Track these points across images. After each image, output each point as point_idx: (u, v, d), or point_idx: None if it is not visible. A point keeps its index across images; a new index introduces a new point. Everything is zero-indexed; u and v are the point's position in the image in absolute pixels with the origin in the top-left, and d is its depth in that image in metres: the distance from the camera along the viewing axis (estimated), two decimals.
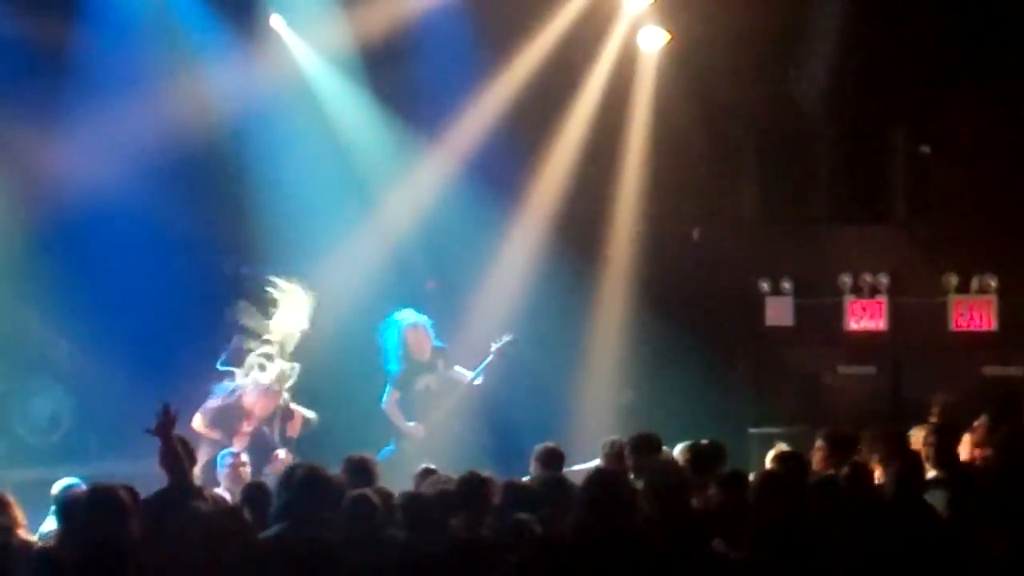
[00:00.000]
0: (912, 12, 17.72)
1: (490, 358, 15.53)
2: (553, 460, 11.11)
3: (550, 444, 11.42)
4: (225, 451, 13.02)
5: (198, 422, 14.07)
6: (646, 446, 11.22)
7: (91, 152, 16.19)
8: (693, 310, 18.65)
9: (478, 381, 15.58)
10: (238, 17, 17.10)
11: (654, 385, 18.05)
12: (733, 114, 18.94)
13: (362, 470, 10.13)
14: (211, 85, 16.88)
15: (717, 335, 18.85)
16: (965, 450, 12.58)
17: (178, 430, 9.81)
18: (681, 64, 18.20)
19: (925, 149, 18.57)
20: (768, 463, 11.27)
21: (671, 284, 18.70)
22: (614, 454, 11.47)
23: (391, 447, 15.25)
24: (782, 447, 12.03)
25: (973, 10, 17.70)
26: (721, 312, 18.95)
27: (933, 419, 14.20)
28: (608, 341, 18.45)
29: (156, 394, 14.75)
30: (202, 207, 17.06)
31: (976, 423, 13.31)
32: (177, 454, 9.57)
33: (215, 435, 14.09)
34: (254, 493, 10.04)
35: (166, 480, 9.59)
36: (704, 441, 11.44)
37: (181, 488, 9.57)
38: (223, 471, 12.55)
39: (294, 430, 14.74)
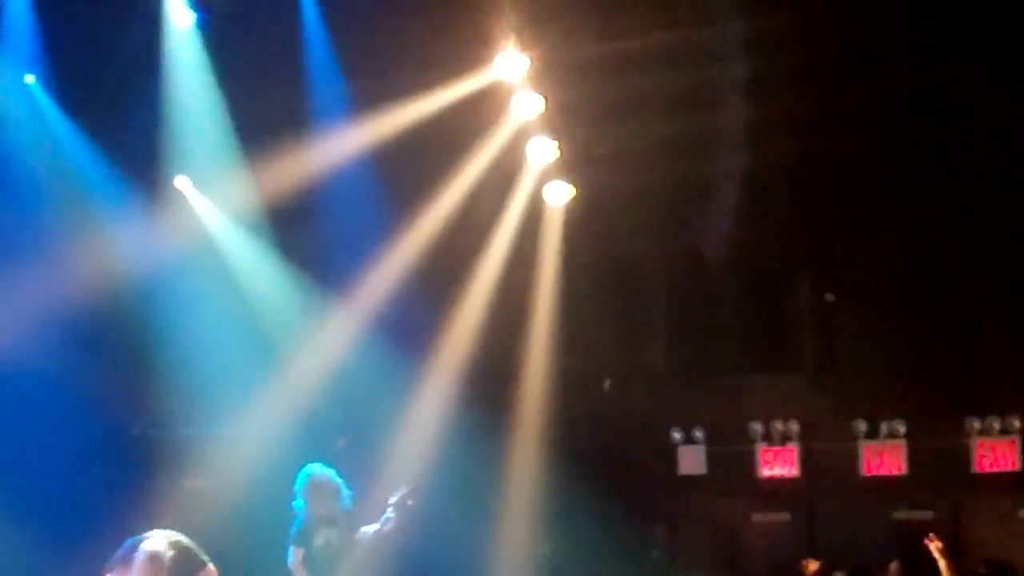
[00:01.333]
0: (816, 162, 18.02)
1: (389, 512, 15.34)
2: None
3: None
4: None
5: None
6: None
7: None
8: (607, 460, 18.72)
9: (387, 527, 15.30)
10: (143, 178, 17.01)
11: (570, 536, 17.99)
12: (640, 266, 19.26)
13: None
14: (117, 246, 16.73)
15: (632, 485, 18.90)
16: None
17: None
18: (587, 218, 18.44)
19: (830, 297, 18.90)
20: None
21: (584, 436, 18.81)
22: None
23: None
24: None
25: (878, 159, 18.04)
26: (635, 462, 19.04)
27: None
28: (523, 493, 18.41)
29: (60, 556, 14.82)
30: (108, 369, 16.82)
31: (889, 568, 13.37)
32: None
33: None
34: None
35: None
36: None
37: None
38: None
39: None
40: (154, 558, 13.34)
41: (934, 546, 13.48)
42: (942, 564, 13.51)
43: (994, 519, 18.27)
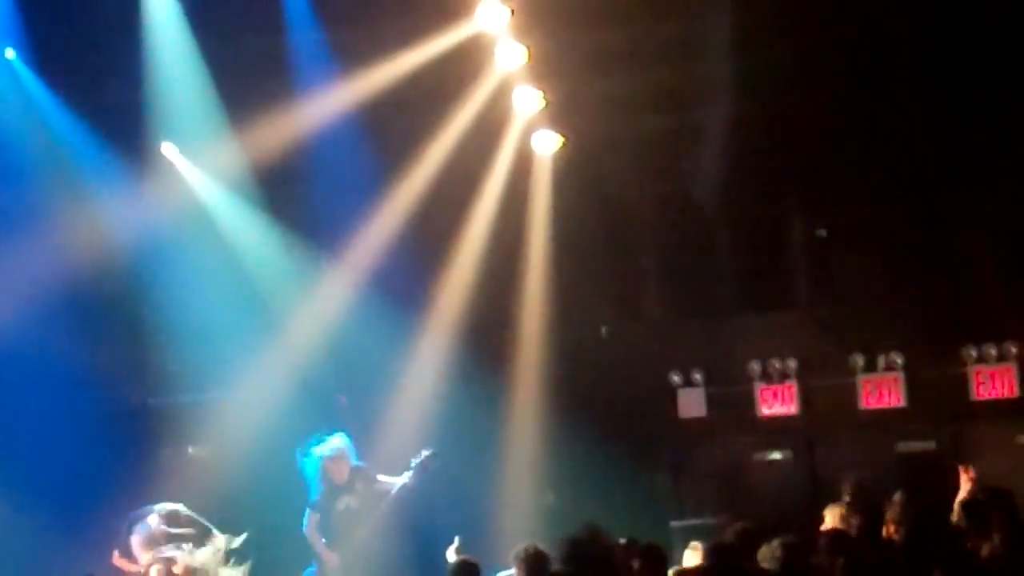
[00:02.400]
0: (803, 101, 18.05)
1: (410, 473, 15.44)
2: (470, 574, 11.05)
3: (466, 559, 11.40)
4: None
5: (116, 557, 13.83)
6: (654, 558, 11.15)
7: None
8: (607, 408, 18.73)
9: (411, 482, 15.40)
10: (129, 146, 17.05)
11: (574, 485, 18.08)
12: (631, 212, 19.23)
13: None
14: (107, 217, 16.84)
15: (633, 431, 18.90)
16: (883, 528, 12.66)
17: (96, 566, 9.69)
18: (577, 166, 18.40)
19: (822, 233, 18.91)
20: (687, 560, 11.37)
21: (583, 384, 18.79)
22: (531, 560, 11.09)
23: (312, 568, 15.20)
24: (696, 545, 12.10)
25: (864, 96, 18.06)
26: (635, 408, 19.02)
27: (847, 499, 14.24)
28: (525, 444, 18.45)
29: (66, 533, 14.92)
30: (105, 340, 16.96)
31: (893, 499, 13.40)
32: None
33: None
34: None
35: None
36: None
37: None
38: None
39: None
40: (152, 532, 13.44)
41: (968, 476, 13.58)
42: (964, 491, 13.61)
43: (994, 446, 18.18)
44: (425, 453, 15.48)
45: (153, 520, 13.93)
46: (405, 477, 15.34)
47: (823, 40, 17.52)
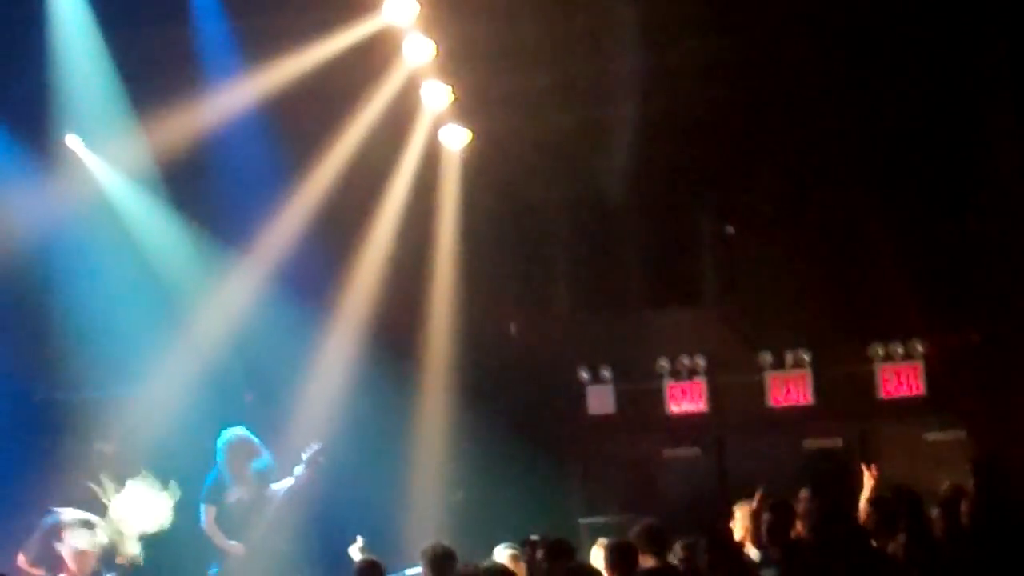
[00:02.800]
0: (711, 99, 18.10)
1: (301, 467, 15.40)
2: (373, 573, 11.11)
3: (369, 558, 11.47)
4: None
5: (22, 560, 13.68)
6: (560, 552, 11.18)
7: None
8: (516, 404, 18.84)
9: (298, 483, 15.34)
10: (33, 138, 16.72)
11: (483, 482, 18.14)
12: (540, 207, 19.36)
13: None
14: (10, 209, 16.40)
15: (542, 427, 19.01)
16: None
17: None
18: (486, 162, 18.50)
19: (730, 230, 19.15)
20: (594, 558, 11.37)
21: (492, 380, 18.88)
22: (438, 558, 11.09)
23: (215, 570, 15.01)
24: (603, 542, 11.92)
25: (772, 94, 18.20)
26: (544, 404, 19.16)
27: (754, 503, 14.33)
28: (433, 441, 18.49)
29: None
30: (8, 335, 16.64)
31: (799, 496, 13.53)
32: None
33: (39, 572, 13.71)
34: None
35: None
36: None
37: None
38: None
39: None
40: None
41: (871, 474, 13.72)
42: (867, 490, 13.77)
43: (901, 444, 18.50)
44: (314, 447, 15.45)
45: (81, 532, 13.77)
46: (296, 472, 15.32)
47: (732, 37, 17.56)
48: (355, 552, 12.87)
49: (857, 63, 17.53)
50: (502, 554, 11.70)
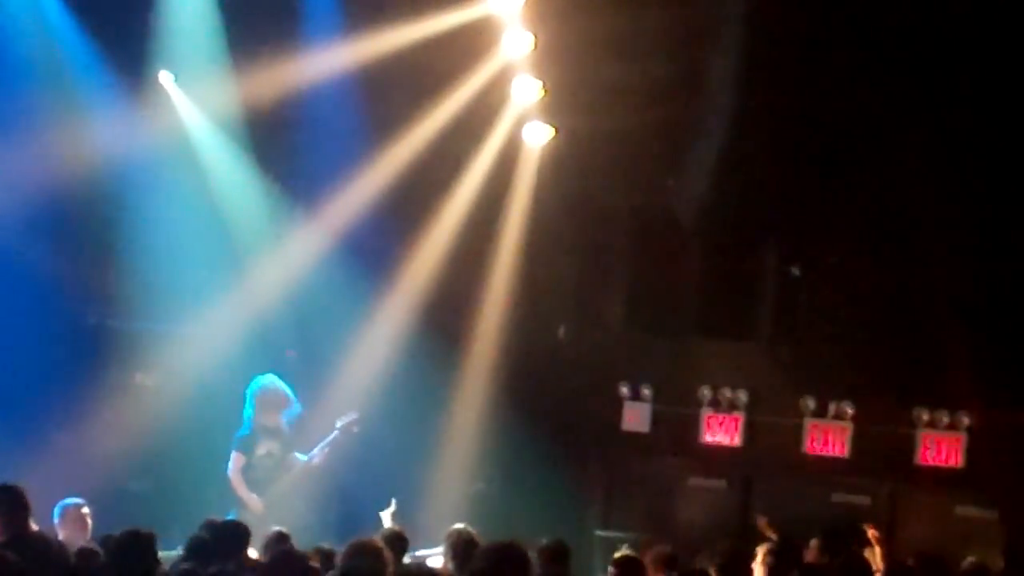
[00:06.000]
0: (794, 135, 18.56)
1: (334, 434, 15.94)
2: (397, 545, 11.33)
3: (395, 528, 11.90)
4: (65, 501, 13.03)
5: None
6: (557, 555, 11.56)
7: None
8: (552, 407, 19.19)
9: (317, 460, 15.90)
10: (127, 68, 17.47)
11: (506, 477, 18.69)
12: (609, 218, 19.72)
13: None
14: (94, 132, 17.17)
15: (573, 434, 19.40)
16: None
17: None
18: (563, 163, 18.91)
19: (795, 272, 19.41)
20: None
21: (533, 379, 19.25)
22: (461, 543, 11.61)
23: (231, 515, 15.19)
24: (626, 551, 12.39)
25: (852, 140, 18.58)
26: (579, 412, 19.50)
27: (770, 535, 14.86)
28: (465, 429, 18.95)
29: (6, 437, 15.40)
30: (71, 255, 17.33)
31: (810, 544, 14.04)
32: None
33: None
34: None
35: None
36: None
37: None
38: (59, 521, 12.44)
39: None
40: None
41: (871, 533, 14.17)
42: (876, 551, 14.24)
43: (930, 513, 18.75)
44: (350, 415, 16.00)
45: None
46: (325, 443, 15.83)
47: (829, 85, 17.97)
48: (387, 516, 13.35)
49: (946, 128, 17.78)
50: None
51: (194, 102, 18.10)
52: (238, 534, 10.88)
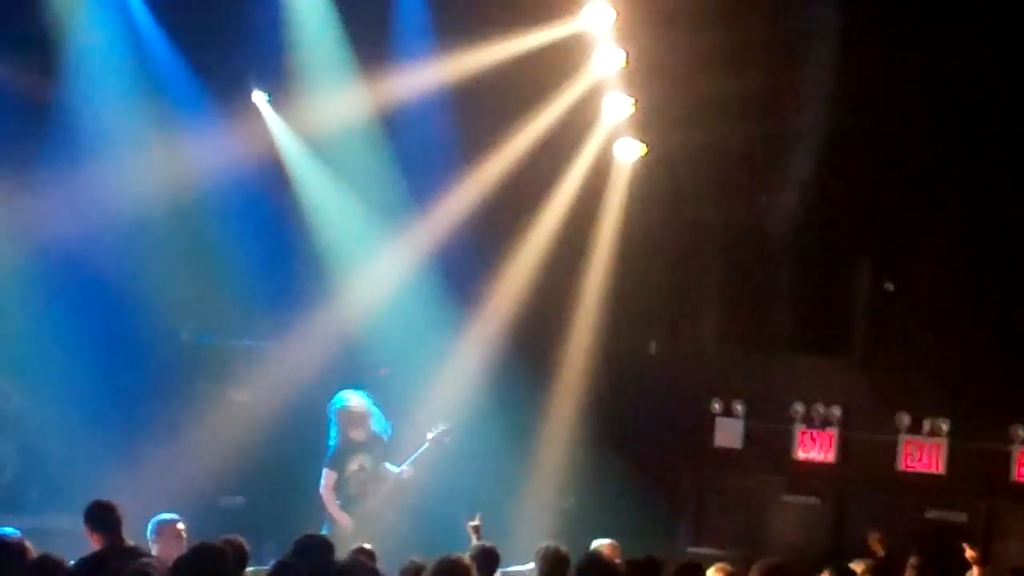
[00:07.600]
0: (889, 151, 18.70)
1: (425, 446, 16.12)
2: (488, 561, 11.55)
3: (486, 544, 11.99)
4: (160, 516, 13.35)
5: None
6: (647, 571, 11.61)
7: (63, 205, 16.71)
8: (643, 423, 19.42)
9: (407, 472, 16.06)
10: (221, 88, 17.84)
11: (597, 493, 18.79)
12: (701, 233, 19.84)
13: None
14: (187, 151, 17.52)
15: (664, 450, 19.56)
16: None
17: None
18: (653, 178, 19.08)
19: (890, 287, 19.43)
20: None
21: (623, 395, 19.44)
22: (553, 560, 11.59)
23: (325, 529, 15.51)
24: (724, 567, 12.42)
25: (952, 155, 18.65)
26: (671, 428, 19.63)
27: (878, 551, 14.94)
28: (555, 445, 19.11)
29: (101, 452, 15.83)
30: (166, 271, 17.55)
31: (909, 562, 14.17)
32: None
33: None
34: None
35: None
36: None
37: (116, 550, 10.38)
38: (153, 536, 12.39)
39: None
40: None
41: (970, 554, 14.26)
42: (975, 572, 14.33)
43: None
44: (441, 427, 16.18)
45: None
46: (417, 454, 16.03)
47: (924, 100, 18.14)
48: (472, 526, 13.59)
49: None
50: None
51: (287, 120, 18.39)
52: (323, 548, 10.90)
